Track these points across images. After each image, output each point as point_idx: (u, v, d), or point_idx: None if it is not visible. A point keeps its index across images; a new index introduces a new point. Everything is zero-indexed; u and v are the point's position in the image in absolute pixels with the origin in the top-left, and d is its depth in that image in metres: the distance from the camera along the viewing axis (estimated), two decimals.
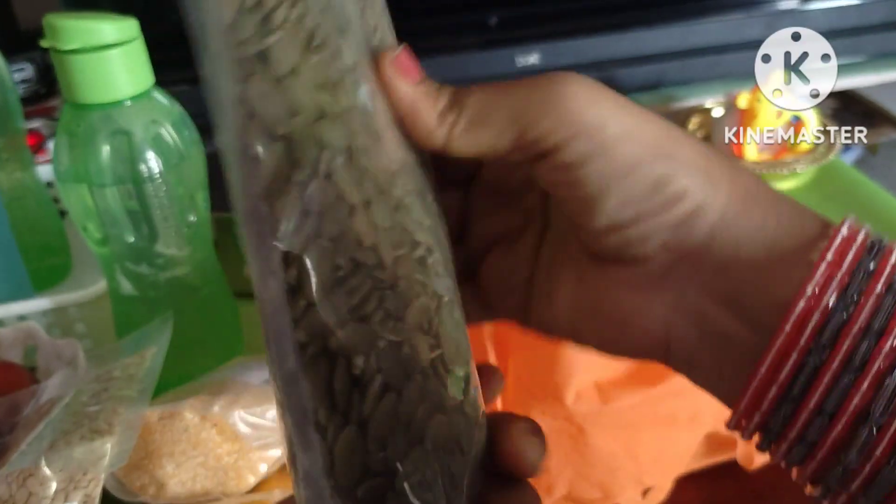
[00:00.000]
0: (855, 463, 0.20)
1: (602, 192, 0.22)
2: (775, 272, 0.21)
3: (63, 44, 0.46)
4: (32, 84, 0.87)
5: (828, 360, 0.20)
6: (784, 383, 0.21)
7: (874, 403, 0.20)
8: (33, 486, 0.41)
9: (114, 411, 0.45)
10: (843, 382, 0.20)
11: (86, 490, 0.41)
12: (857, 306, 0.20)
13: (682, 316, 0.23)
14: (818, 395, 0.20)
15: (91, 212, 0.51)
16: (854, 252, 0.21)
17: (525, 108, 0.21)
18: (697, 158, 0.22)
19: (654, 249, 0.22)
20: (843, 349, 0.20)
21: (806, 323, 0.20)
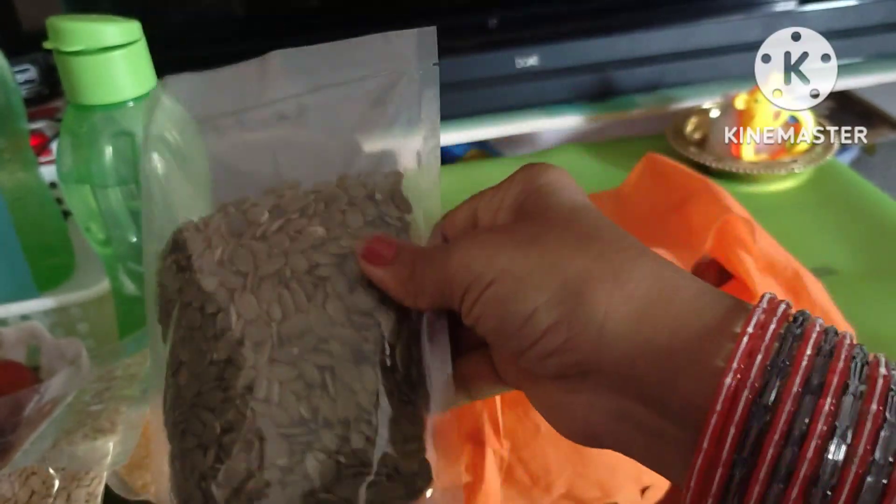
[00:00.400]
0: None
1: (490, 331, 0.25)
2: (679, 379, 0.22)
3: (66, 45, 0.46)
4: (35, 85, 0.87)
5: (754, 472, 0.20)
6: (717, 496, 0.21)
7: None
8: (36, 485, 0.41)
9: (116, 410, 0.45)
10: (774, 491, 0.20)
11: (88, 489, 0.41)
12: (775, 413, 0.20)
13: (602, 414, 0.24)
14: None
15: (94, 212, 0.51)
16: (763, 352, 0.21)
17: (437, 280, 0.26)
18: (571, 283, 0.23)
19: (551, 370, 0.24)
20: (766, 460, 0.20)
21: (724, 437, 0.20)
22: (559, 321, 0.23)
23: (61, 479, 0.41)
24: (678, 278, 0.23)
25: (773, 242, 0.58)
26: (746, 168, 0.80)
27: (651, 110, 0.90)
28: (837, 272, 0.66)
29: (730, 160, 0.81)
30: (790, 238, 0.63)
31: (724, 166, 0.80)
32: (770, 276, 0.55)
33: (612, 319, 0.22)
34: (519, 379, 0.28)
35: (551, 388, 0.26)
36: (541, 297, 0.23)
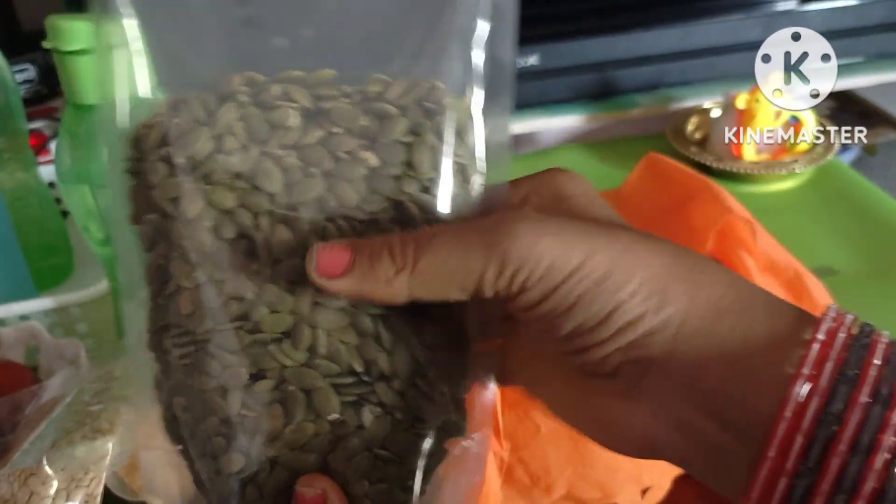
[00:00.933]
0: None
1: (557, 326, 0.23)
2: (747, 386, 0.21)
3: (65, 45, 0.46)
4: (34, 85, 0.87)
5: (818, 483, 0.19)
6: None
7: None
8: (35, 486, 0.41)
9: (115, 411, 0.45)
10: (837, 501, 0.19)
11: (87, 489, 0.41)
12: (842, 422, 0.19)
13: (663, 423, 0.23)
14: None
15: (93, 212, 0.51)
16: (834, 360, 0.20)
17: (468, 268, 0.22)
18: (652, 280, 0.22)
19: (614, 367, 0.23)
20: (831, 470, 0.19)
21: (790, 445, 0.20)
22: (642, 316, 0.22)
23: (60, 479, 0.41)
24: (750, 286, 0.23)
25: (774, 243, 0.58)
26: (747, 168, 0.80)
27: (651, 110, 0.90)
28: (838, 272, 0.66)
29: (730, 160, 0.81)
30: (791, 238, 0.63)
31: (724, 166, 0.80)
32: (771, 276, 0.55)
33: (689, 321, 0.22)
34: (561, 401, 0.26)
35: (606, 398, 0.24)
36: (624, 291, 0.22)
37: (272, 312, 0.24)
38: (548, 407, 0.27)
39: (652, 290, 0.22)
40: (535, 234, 0.22)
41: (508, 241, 0.22)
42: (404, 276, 0.23)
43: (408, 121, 0.25)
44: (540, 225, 0.22)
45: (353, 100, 0.25)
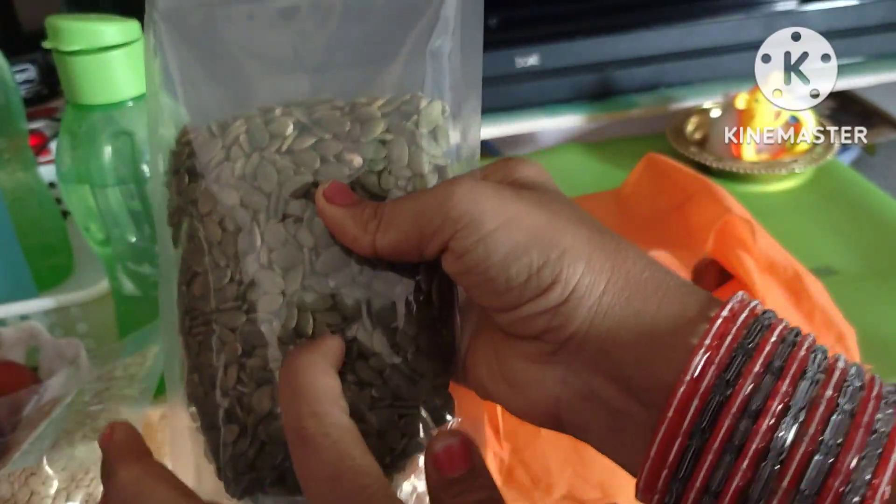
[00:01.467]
0: None
1: (486, 279, 0.24)
2: (656, 355, 0.23)
3: (65, 45, 0.46)
4: (35, 85, 0.87)
5: (708, 441, 0.21)
6: (673, 465, 0.21)
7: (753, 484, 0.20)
8: (35, 485, 0.41)
9: (116, 411, 0.45)
10: (725, 462, 0.21)
11: (87, 489, 0.41)
12: (734, 388, 0.21)
13: (571, 389, 0.25)
14: (703, 475, 0.21)
15: (93, 212, 0.51)
16: (733, 334, 0.22)
17: (422, 212, 0.25)
18: (578, 246, 0.24)
19: (538, 331, 0.24)
20: (721, 431, 0.21)
21: (687, 408, 0.21)
22: (565, 280, 0.23)
23: (60, 479, 0.41)
24: (666, 270, 0.24)
25: (774, 243, 0.58)
26: (747, 168, 0.80)
27: (651, 110, 0.90)
28: (837, 272, 0.66)
29: (730, 160, 0.81)
30: (790, 238, 0.63)
31: (724, 166, 0.80)
32: (770, 276, 0.55)
33: (609, 291, 0.23)
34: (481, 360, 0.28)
35: (522, 361, 0.26)
36: (551, 254, 0.23)
37: (265, 294, 0.27)
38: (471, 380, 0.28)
39: (578, 256, 0.23)
40: (472, 191, 0.24)
41: (449, 197, 0.24)
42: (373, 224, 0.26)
43: (387, 122, 0.28)
44: (478, 184, 0.25)
45: (342, 111, 0.29)
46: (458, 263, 0.25)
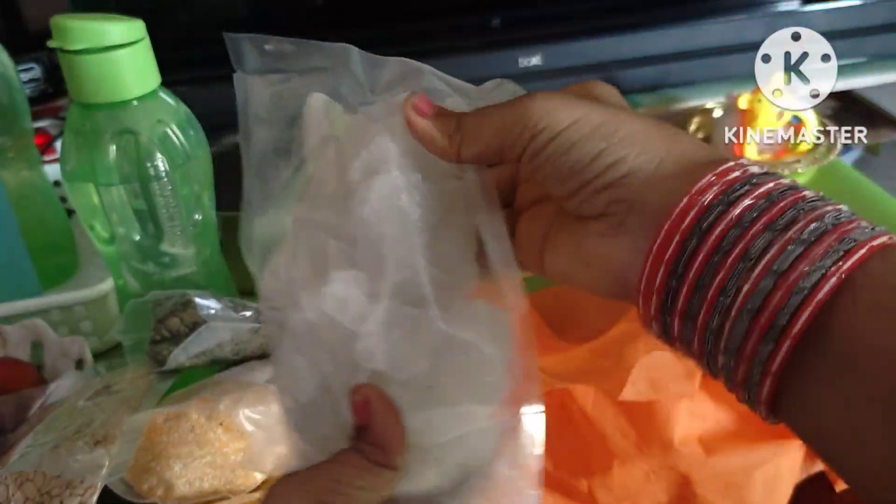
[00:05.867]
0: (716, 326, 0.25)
1: (555, 169, 0.28)
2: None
3: (70, 44, 0.46)
4: (40, 84, 0.87)
5: (702, 242, 0.25)
6: (670, 261, 0.26)
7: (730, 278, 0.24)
8: (30, 492, 0.41)
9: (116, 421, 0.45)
10: (714, 262, 0.25)
11: (81, 498, 0.41)
12: (732, 205, 0.25)
13: (639, 257, 0.27)
14: (695, 271, 0.25)
15: (98, 211, 0.51)
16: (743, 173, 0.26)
17: (503, 126, 0.29)
18: (635, 134, 0.28)
19: (603, 206, 0.28)
20: (713, 235, 0.25)
21: (687, 214, 0.25)
22: (625, 158, 0.27)
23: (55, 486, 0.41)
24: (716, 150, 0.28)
25: None
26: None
27: (654, 110, 0.90)
28: None
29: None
30: None
31: None
32: None
33: (663, 165, 0.27)
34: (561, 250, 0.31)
35: (595, 238, 0.29)
36: (612, 139, 0.28)
37: None
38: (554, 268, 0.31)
39: (635, 140, 0.28)
40: (547, 99, 0.29)
41: (527, 111, 0.29)
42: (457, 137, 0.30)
43: None
44: (549, 96, 0.29)
45: None
46: (534, 161, 0.29)
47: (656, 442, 0.45)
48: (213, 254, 0.57)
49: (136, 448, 0.44)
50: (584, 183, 0.28)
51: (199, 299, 0.51)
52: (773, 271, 0.23)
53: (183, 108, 0.53)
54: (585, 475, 0.46)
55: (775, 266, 0.23)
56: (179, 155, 0.51)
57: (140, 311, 0.51)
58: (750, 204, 0.25)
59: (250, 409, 0.48)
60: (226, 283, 0.59)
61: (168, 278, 0.54)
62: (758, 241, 0.24)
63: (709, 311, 0.25)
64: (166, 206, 0.51)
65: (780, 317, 0.23)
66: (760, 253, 0.24)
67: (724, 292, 0.24)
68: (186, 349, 0.49)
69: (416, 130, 0.31)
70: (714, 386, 0.47)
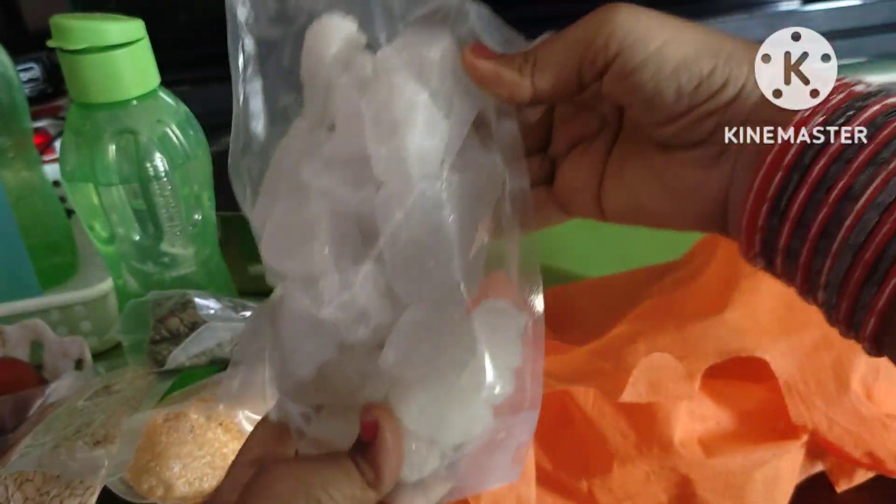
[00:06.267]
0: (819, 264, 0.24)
1: (657, 92, 0.26)
2: None
3: (70, 44, 0.46)
4: (39, 84, 0.87)
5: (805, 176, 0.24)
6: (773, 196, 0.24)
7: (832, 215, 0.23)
8: (29, 492, 0.41)
9: (116, 421, 0.45)
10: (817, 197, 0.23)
11: (81, 498, 0.41)
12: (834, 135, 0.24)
13: (738, 186, 0.26)
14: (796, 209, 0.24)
15: (97, 210, 0.51)
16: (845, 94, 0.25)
17: (582, 39, 0.26)
18: (740, 51, 0.25)
19: (708, 131, 0.26)
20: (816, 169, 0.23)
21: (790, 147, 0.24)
22: (735, 79, 0.25)
23: (55, 486, 0.41)
24: None
25: None
26: None
27: None
28: None
29: None
30: None
31: None
32: None
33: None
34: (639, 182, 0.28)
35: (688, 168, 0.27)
36: (719, 59, 0.25)
37: None
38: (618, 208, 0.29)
39: (742, 58, 0.25)
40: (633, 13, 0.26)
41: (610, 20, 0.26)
42: (528, 67, 0.27)
43: None
44: (635, 7, 0.26)
45: None
46: (625, 83, 0.26)
47: (656, 443, 0.45)
48: (213, 254, 0.57)
49: (135, 448, 0.44)
50: (690, 107, 0.25)
51: (199, 299, 0.51)
52: (878, 205, 0.22)
53: (183, 108, 0.52)
54: (585, 476, 0.46)
55: (879, 199, 0.22)
56: (179, 155, 0.51)
57: (140, 311, 0.51)
58: (850, 135, 0.23)
59: (250, 410, 0.48)
60: (225, 283, 0.59)
61: (168, 278, 0.54)
62: (861, 176, 0.22)
63: (811, 248, 0.24)
64: (166, 206, 0.51)
65: (885, 255, 0.22)
66: (863, 188, 0.22)
67: (827, 231, 0.23)
68: (186, 349, 0.49)
69: (479, 72, 0.28)
70: (714, 387, 0.47)
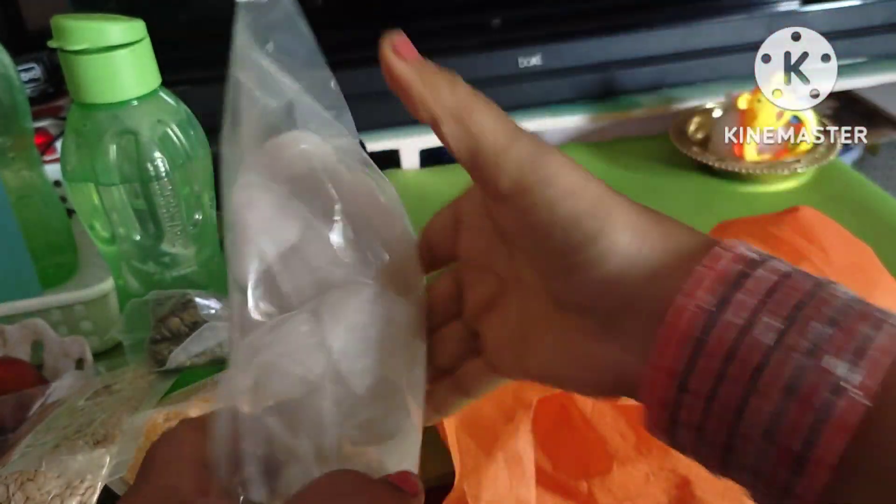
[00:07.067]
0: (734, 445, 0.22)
1: (546, 237, 0.25)
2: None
3: (71, 44, 0.46)
4: (40, 84, 0.87)
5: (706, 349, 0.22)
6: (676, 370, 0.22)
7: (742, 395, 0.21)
8: (31, 491, 0.41)
9: (116, 421, 0.45)
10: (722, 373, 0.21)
11: (82, 497, 0.41)
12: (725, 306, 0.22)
13: (634, 356, 0.24)
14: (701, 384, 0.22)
15: (98, 210, 0.51)
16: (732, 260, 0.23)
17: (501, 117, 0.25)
18: (630, 217, 0.24)
19: (592, 299, 0.25)
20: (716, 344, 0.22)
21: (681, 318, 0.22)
22: (618, 245, 0.24)
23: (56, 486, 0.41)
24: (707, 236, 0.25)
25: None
26: (749, 168, 0.80)
27: (654, 110, 0.90)
28: None
29: (732, 160, 0.81)
30: None
31: (726, 166, 0.80)
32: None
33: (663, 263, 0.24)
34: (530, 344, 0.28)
35: (584, 340, 0.26)
36: (605, 225, 0.24)
37: None
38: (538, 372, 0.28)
39: (636, 228, 0.24)
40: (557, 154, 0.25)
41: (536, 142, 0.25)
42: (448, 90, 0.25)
43: None
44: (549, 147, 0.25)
45: None
46: (520, 218, 0.25)
47: (656, 444, 0.45)
48: (214, 253, 0.57)
49: (136, 448, 0.44)
50: (572, 268, 0.25)
51: (200, 299, 0.51)
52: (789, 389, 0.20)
53: (183, 108, 0.53)
54: (585, 477, 0.46)
55: (789, 383, 0.20)
56: (179, 155, 0.51)
57: (140, 311, 0.51)
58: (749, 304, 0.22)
59: None
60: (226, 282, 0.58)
61: (168, 278, 0.54)
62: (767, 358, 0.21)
63: (722, 428, 0.22)
64: (166, 206, 0.51)
65: (807, 444, 0.20)
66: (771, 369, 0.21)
67: (739, 412, 0.21)
68: (186, 349, 0.49)
69: (395, 74, 0.25)
70: None
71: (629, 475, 0.45)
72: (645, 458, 0.45)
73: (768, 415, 0.21)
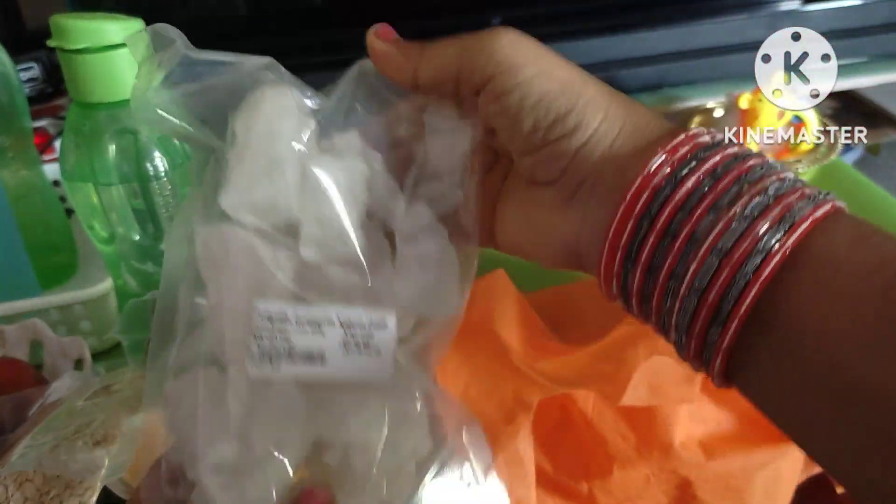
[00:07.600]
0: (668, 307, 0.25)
1: (517, 120, 0.27)
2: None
3: (70, 44, 0.46)
4: (39, 83, 0.87)
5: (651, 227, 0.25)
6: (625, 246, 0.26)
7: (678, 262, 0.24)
8: (29, 492, 0.41)
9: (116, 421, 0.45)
10: (664, 245, 0.25)
11: (81, 498, 0.41)
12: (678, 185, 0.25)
13: (589, 228, 0.27)
14: (646, 256, 0.25)
15: (97, 210, 0.51)
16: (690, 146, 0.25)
17: (467, 48, 0.28)
18: (599, 98, 0.27)
19: (558, 170, 0.28)
20: (662, 218, 0.25)
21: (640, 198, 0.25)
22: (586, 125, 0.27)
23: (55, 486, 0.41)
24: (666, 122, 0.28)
25: None
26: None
27: (654, 110, 0.90)
28: None
29: None
30: None
31: None
32: None
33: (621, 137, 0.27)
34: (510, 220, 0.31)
35: (545, 211, 0.29)
36: (578, 102, 0.27)
37: None
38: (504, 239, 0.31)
39: (599, 106, 0.27)
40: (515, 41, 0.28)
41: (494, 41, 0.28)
42: (415, 57, 0.29)
43: None
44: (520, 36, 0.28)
45: None
46: (495, 104, 0.28)
47: (656, 445, 0.45)
48: None
49: (135, 448, 0.44)
50: (544, 142, 0.27)
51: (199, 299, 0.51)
52: (718, 250, 0.23)
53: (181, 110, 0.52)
54: (586, 478, 0.46)
55: (719, 245, 0.23)
56: (179, 155, 0.51)
57: (140, 311, 0.51)
58: (694, 185, 0.24)
59: None
60: None
61: None
62: (702, 223, 0.24)
63: (661, 293, 0.25)
64: (166, 206, 0.51)
65: (727, 297, 0.23)
66: (704, 234, 0.24)
67: (674, 275, 0.24)
68: None
69: (375, 51, 0.30)
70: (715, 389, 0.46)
71: (629, 476, 0.45)
72: (645, 459, 0.45)
73: (700, 275, 0.24)
